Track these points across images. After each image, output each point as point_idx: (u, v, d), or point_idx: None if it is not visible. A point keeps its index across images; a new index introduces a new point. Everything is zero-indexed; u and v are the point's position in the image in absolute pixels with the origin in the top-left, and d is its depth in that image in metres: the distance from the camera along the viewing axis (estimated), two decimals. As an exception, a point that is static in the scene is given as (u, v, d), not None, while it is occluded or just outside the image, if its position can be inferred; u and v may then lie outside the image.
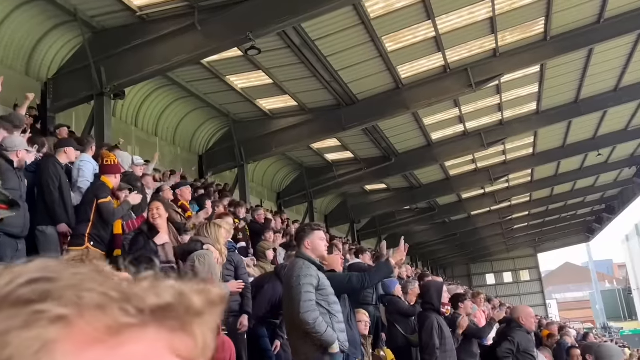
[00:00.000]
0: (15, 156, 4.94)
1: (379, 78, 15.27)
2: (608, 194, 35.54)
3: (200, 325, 0.43)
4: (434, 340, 5.10)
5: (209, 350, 0.44)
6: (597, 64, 17.20)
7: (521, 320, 5.53)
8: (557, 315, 60.00)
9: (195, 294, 0.43)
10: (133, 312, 0.40)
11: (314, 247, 4.35)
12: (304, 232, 4.48)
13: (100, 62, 11.44)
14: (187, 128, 16.50)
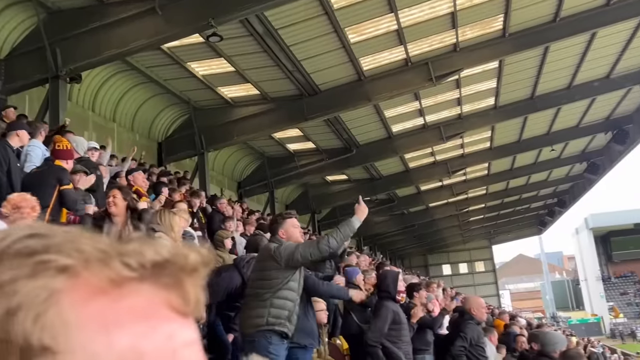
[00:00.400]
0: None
1: (342, 69, 15.28)
2: (560, 189, 36.67)
3: (192, 283, 0.44)
4: (384, 329, 5.13)
5: (200, 307, 0.45)
6: (552, 62, 17.63)
7: (472, 311, 5.63)
8: (509, 305, 61.75)
9: (189, 252, 0.44)
10: (135, 265, 0.42)
11: (289, 235, 4.38)
12: (277, 222, 4.50)
13: (56, 44, 11.05)
14: (146, 114, 16.15)
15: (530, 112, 20.74)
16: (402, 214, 33.32)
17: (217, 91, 15.75)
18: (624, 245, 64.88)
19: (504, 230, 48.73)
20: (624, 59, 18.45)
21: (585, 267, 68.52)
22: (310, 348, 4.67)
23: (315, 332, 4.78)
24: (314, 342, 4.71)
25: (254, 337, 4.06)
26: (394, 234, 37.68)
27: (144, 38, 11.15)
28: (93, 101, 14.35)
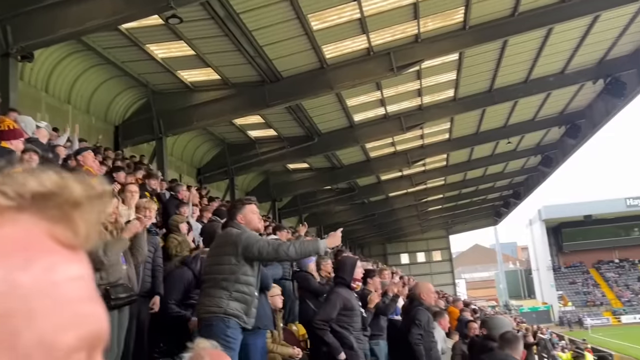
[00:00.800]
0: None
1: (304, 56, 15.16)
2: (515, 180, 37.58)
3: (82, 216, 0.42)
4: (333, 314, 5.10)
5: (90, 240, 0.43)
6: (510, 56, 17.95)
7: (422, 296, 5.68)
8: (464, 293, 63.22)
9: (76, 185, 0.43)
10: (12, 194, 0.41)
11: (248, 220, 4.30)
12: (236, 207, 4.41)
13: (6, 20, 10.56)
14: (103, 97, 15.66)
15: (489, 104, 21.11)
16: (363, 203, 33.56)
17: (177, 75, 15.41)
18: (574, 236, 67.17)
19: (461, 221, 49.70)
20: (578, 55, 18.94)
21: (538, 257, 70.68)
22: (262, 331, 4.61)
23: (268, 315, 4.72)
24: (267, 325, 4.66)
25: (211, 321, 3.98)
26: (353, 222, 37.89)
27: (101, 17, 10.77)
28: (47, 82, 13.82)
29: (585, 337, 32.93)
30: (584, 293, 62.15)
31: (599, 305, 58.98)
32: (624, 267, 65.27)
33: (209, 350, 2.25)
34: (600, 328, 49.52)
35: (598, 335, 42.17)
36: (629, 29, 17.77)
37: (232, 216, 4.36)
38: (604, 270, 65.39)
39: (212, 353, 2.25)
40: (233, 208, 4.46)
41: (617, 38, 18.39)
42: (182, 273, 5.55)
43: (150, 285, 5.38)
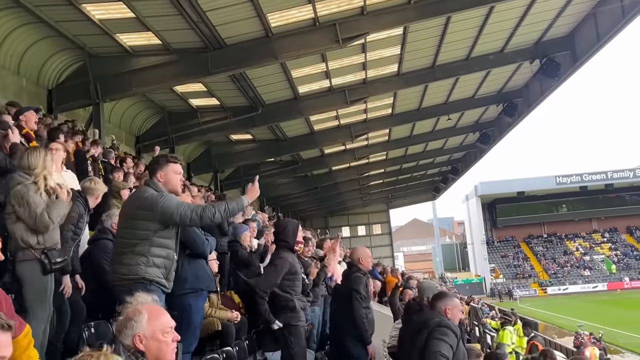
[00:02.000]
0: None
1: (249, 24, 14.84)
2: (454, 157, 38.63)
3: None
4: (278, 280, 5.09)
5: None
6: (453, 33, 18.24)
7: (360, 261, 5.75)
8: (402, 266, 64.89)
9: None
10: None
11: (167, 180, 3.99)
12: (158, 163, 4.06)
13: None
14: (35, 58, 14.82)
15: (431, 80, 21.46)
16: (306, 176, 33.68)
17: (115, 38, 14.75)
18: (508, 212, 69.98)
19: (401, 195, 50.82)
20: (517, 35, 19.47)
21: (473, 232, 73.28)
22: (204, 293, 4.57)
23: (210, 277, 4.67)
24: (209, 286, 4.60)
25: (129, 286, 3.62)
26: (297, 195, 38.07)
27: (32, -29, 10.16)
28: (-28, 39, 12.96)
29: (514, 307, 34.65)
30: (514, 266, 65.09)
31: (527, 277, 61.98)
32: (551, 242, 68.70)
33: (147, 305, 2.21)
34: (528, 299, 52.17)
35: (526, 305, 44.47)
36: (565, 11, 18.39)
37: (152, 172, 4.05)
38: (533, 245, 68.62)
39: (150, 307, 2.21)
40: (155, 164, 4.11)
41: (553, 20, 19.00)
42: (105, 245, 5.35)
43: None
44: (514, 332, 13.88)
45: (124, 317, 2.24)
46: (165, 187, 3.97)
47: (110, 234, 5.06)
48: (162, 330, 2.23)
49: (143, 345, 2.23)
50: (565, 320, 32.47)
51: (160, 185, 3.96)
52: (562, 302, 47.41)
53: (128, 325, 2.19)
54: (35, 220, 3.83)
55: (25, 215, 3.86)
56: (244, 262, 6.66)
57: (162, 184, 3.98)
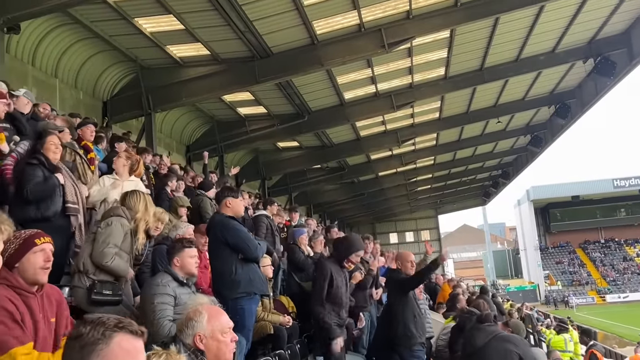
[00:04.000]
0: None
1: (295, 32, 15.05)
2: (504, 160, 37.82)
3: None
4: (323, 292, 5.16)
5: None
6: (501, 34, 17.94)
7: (400, 264, 5.77)
8: (452, 273, 63.90)
9: None
10: None
11: (183, 264, 4.19)
12: (174, 248, 4.28)
13: (-8, -10, 10.41)
14: (91, 71, 15.48)
15: (479, 83, 21.14)
16: (352, 182, 33.66)
17: (166, 50, 15.24)
18: (562, 216, 67.94)
19: (450, 201, 50.07)
20: (569, 34, 18.96)
21: (525, 238, 71.42)
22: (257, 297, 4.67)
23: (263, 280, 4.79)
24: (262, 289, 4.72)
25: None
26: (343, 202, 38.07)
27: (88, -11, 10.63)
28: (33, 55, 13.62)
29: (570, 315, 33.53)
30: (570, 273, 63.07)
31: (584, 284, 59.91)
32: (609, 247, 66.24)
33: (207, 306, 2.30)
34: (585, 307, 50.42)
35: (583, 313, 43.00)
36: (620, 8, 17.80)
37: (170, 257, 4.27)
38: (590, 250, 66.33)
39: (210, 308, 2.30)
40: (169, 251, 4.34)
41: (608, 17, 18.42)
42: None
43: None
44: (569, 339, 13.47)
45: (185, 317, 2.34)
46: (181, 271, 4.14)
47: (169, 241, 5.28)
48: (221, 331, 2.32)
49: (203, 344, 2.33)
50: (625, 330, 31.23)
51: (176, 270, 4.14)
52: (621, 310, 45.56)
53: (189, 325, 2.29)
54: (100, 257, 4.06)
55: (97, 246, 4.10)
56: (299, 265, 6.75)
57: (177, 268, 4.15)
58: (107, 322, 1.44)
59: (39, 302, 2.59)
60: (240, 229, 4.80)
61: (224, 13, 13.24)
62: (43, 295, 2.65)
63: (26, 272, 2.57)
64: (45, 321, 2.60)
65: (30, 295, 2.56)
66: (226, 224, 4.73)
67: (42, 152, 4.82)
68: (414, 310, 5.86)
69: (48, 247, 2.67)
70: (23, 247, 2.61)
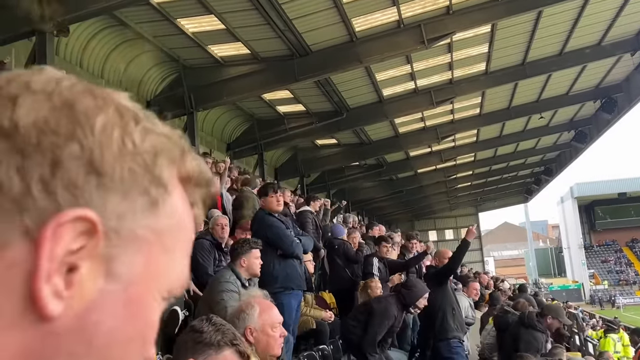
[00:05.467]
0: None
1: (334, 29, 15.07)
2: (547, 157, 36.94)
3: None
4: (380, 335, 5.22)
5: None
6: (544, 28, 17.53)
7: (438, 261, 5.76)
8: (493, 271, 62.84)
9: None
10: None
11: (249, 265, 4.23)
12: (242, 249, 4.32)
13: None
14: (135, 72, 15.88)
15: (521, 78, 20.71)
16: (391, 180, 33.47)
17: (207, 49, 15.49)
18: (607, 214, 65.95)
19: (491, 198, 49.21)
20: (616, 26, 18.39)
21: (569, 235, 69.63)
22: (296, 292, 4.73)
23: (301, 276, 4.84)
24: (300, 285, 4.78)
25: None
26: (381, 199, 37.90)
27: (133, -9, 10.90)
28: (81, 57, 14.08)
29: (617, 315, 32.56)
30: (616, 272, 61.22)
31: (631, 284, 58.05)
32: (658, 246, 64.00)
33: (259, 299, 2.35)
34: (632, 307, 48.85)
35: (630, 314, 41.70)
36: (670, -2, 17.15)
37: (233, 258, 4.31)
38: (638, 249, 64.18)
39: (262, 302, 2.35)
40: (235, 250, 4.35)
41: (657, 8, 17.78)
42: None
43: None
44: (617, 340, 13.10)
45: (237, 309, 2.40)
46: (246, 272, 4.19)
47: (209, 235, 5.38)
48: (272, 325, 2.37)
49: (253, 337, 2.38)
50: (676, 331, 30.04)
51: (241, 271, 4.18)
52: (672, 311, 43.95)
53: (240, 317, 2.35)
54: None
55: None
56: (350, 258, 6.81)
57: (243, 269, 4.19)
58: (225, 333, 1.55)
59: None
60: (277, 225, 4.87)
61: (264, 12, 13.37)
62: None
63: None
64: None
65: None
66: (264, 220, 4.83)
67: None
68: (452, 303, 5.84)
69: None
70: None
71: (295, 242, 4.83)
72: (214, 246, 5.24)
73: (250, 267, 4.16)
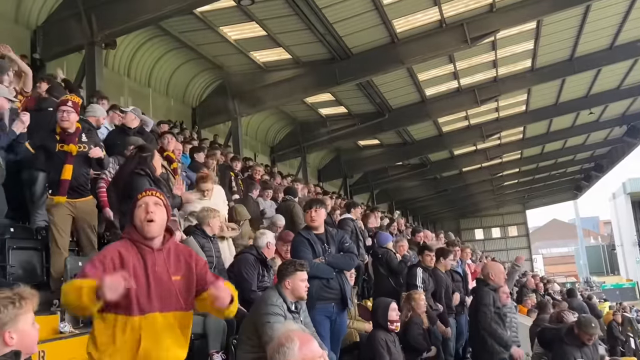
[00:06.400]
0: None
1: (374, 32, 14.92)
2: (598, 152, 35.62)
3: None
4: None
5: None
6: (593, 22, 16.85)
7: (491, 276, 5.56)
8: (542, 269, 61.17)
9: None
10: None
11: (294, 287, 4.16)
12: (287, 270, 4.23)
13: (91, 9, 11.07)
14: (181, 79, 16.18)
15: (569, 74, 19.99)
16: (435, 179, 32.97)
17: (250, 56, 15.62)
18: (663, 210, 63.07)
19: (538, 195, 47.85)
20: (670, 17, 17.52)
21: (622, 232, 66.99)
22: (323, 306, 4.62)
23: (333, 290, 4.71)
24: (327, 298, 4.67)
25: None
26: (426, 198, 37.41)
27: (177, 2, 11.05)
28: (128, 67, 14.43)
29: (675, 316, 31.08)
30: (673, 270, 58.54)
31: (690, 282, 55.43)
32: None
33: (298, 333, 2.30)
34: (691, 307, 46.61)
35: (689, 314, 39.74)
36: None
37: (279, 279, 4.22)
38: (696, 246, 61.18)
39: (301, 335, 2.29)
40: (281, 271, 4.25)
41: None
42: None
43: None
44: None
45: (276, 343, 2.35)
46: (291, 295, 4.12)
47: (255, 250, 5.34)
48: (312, 358, 2.31)
49: (293, 372, 2.31)
50: None
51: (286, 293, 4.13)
52: None
53: (280, 351, 2.29)
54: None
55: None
56: (394, 269, 6.70)
57: (288, 291, 4.12)
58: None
59: (157, 256, 2.71)
60: (295, 246, 4.83)
61: (305, 17, 13.36)
62: (169, 251, 2.76)
63: (137, 225, 2.74)
64: (160, 276, 2.68)
65: (146, 249, 2.70)
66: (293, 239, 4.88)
67: (149, 164, 4.98)
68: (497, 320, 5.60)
69: (150, 200, 2.77)
70: (134, 204, 2.81)
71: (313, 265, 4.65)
72: (258, 261, 5.21)
73: (295, 290, 4.10)
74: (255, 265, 5.17)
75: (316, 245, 4.70)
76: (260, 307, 4.06)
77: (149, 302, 2.63)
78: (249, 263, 5.15)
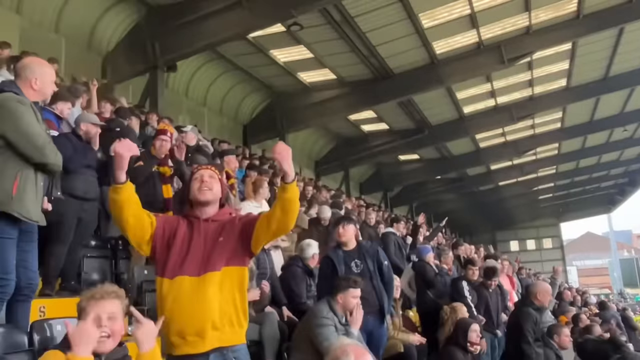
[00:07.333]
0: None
1: (415, 53, 14.83)
2: (632, 168, 34.21)
3: None
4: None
5: None
6: (627, 42, 16.27)
7: (537, 296, 5.34)
8: (576, 281, 58.98)
9: None
10: None
11: (345, 302, 4.07)
12: (340, 286, 4.14)
13: (155, 37, 11.43)
14: (233, 99, 16.46)
15: (603, 92, 19.34)
16: (472, 192, 32.33)
17: (297, 77, 15.77)
18: (699, 225, 59.99)
19: (573, 209, 46.25)
20: None
21: (657, 246, 64.07)
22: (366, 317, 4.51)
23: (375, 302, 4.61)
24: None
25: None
26: (463, 211, 36.68)
27: (232, 29, 11.29)
28: (187, 88, 14.78)
29: None
30: None
31: None
32: None
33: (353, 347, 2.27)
34: None
35: None
36: None
37: (334, 292, 4.12)
38: None
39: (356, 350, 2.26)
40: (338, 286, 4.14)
41: None
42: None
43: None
44: None
45: (332, 356, 2.32)
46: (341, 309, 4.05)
47: (300, 262, 5.26)
48: (366, 373, 2.27)
49: (350, 385, 2.28)
50: None
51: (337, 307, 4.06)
52: None
53: (336, 366, 2.27)
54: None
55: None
56: (430, 282, 6.55)
57: (339, 305, 4.05)
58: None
59: (204, 227, 2.59)
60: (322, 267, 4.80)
61: (349, 40, 13.42)
62: (218, 223, 2.63)
63: (191, 200, 2.68)
64: (205, 243, 2.55)
65: (195, 220, 2.62)
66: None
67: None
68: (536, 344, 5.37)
69: (206, 173, 2.69)
70: (189, 179, 2.75)
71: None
72: (305, 273, 5.16)
73: (346, 305, 4.04)
74: (303, 277, 5.11)
75: (339, 266, 4.48)
76: (310, 319, 4.02)
77: (181, 267, 2.49)
78: (298, 276, 5.09)
